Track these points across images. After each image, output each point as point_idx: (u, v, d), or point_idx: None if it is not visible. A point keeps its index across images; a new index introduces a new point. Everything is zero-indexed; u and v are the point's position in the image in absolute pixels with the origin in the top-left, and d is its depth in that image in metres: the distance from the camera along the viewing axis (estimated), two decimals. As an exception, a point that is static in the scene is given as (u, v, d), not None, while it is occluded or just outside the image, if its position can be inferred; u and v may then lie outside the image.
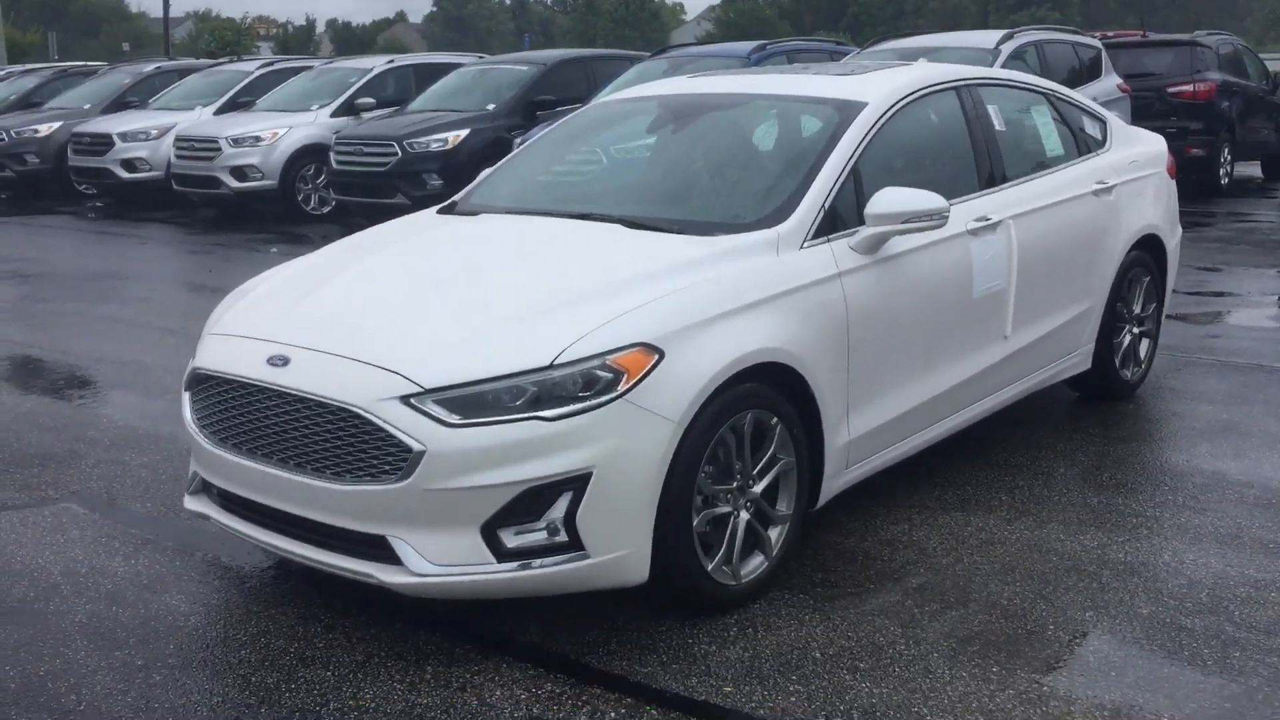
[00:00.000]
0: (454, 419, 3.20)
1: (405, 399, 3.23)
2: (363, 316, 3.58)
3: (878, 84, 4.53)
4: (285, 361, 3.45)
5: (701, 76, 5.23)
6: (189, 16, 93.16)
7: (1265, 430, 5.21)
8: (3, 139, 16.09)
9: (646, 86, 5.21)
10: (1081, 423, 5.41)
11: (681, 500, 3.39)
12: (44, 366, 6.98)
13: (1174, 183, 6.04)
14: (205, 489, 3.79)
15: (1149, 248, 5.67)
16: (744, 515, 3.65)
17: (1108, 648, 3.39)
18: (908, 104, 4.50)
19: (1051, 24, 21.76)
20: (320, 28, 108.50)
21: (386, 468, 3.24)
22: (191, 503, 3.83)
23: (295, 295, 3.83)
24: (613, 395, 3.26)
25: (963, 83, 4.85)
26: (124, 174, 14.84)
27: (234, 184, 13.47)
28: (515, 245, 4.02)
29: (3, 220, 14.61)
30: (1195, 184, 12.76)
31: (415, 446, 3.19)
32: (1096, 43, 12.46)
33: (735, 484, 3.61)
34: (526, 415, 3.21)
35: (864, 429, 4.04)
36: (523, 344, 3.31)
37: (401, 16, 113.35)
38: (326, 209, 13.64)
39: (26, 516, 4.48)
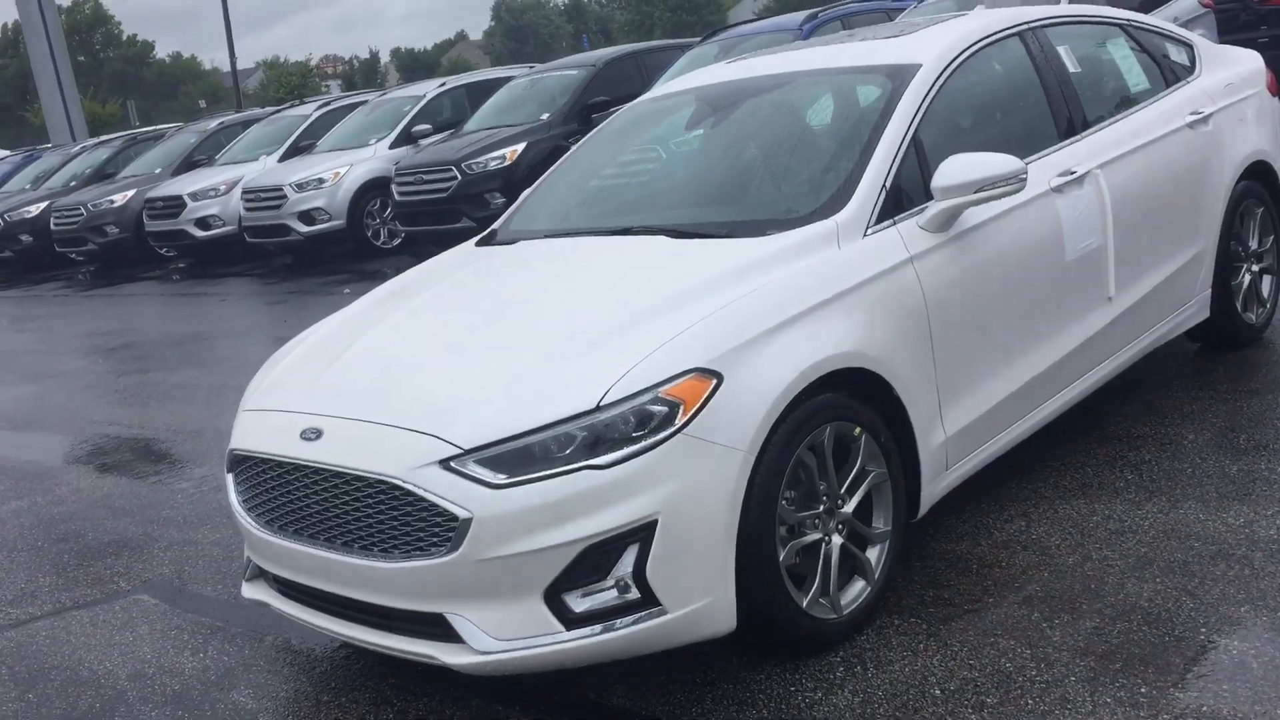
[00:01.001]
0: (499, 479, 2.91)
1: (444, 463, 2.95)
2: (394, 374, 3.31)
3: (930, 42, 4.11)
4: (318, 434, 3.20)
5: (739, 60, 4.85)
6: (259, 66, 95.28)
7: None
8: (81, 213, 16.39)
9: (681, 80, 4.85)
10: (1206, 378, 4.91)
11: (763, 535, 3.05)
12: (122, 444, 6.91)
13: (1277, 101, 5.48)
14: (262, 574, 3.56)
15: (1259, 175, 5.13)
16: (836, 540, 3.29)
17: (1273, 649, 2.95)
18: (967, 59, 4.07)
19: (1119, -55, 20.67)
20: (385, 58, 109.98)
21: (435, 539, 2.96)
22: (249, 590, 3.61)
23: (326, 359, 3.58)
24: (671, 431, 2.93)
25: (1026, 26, 4.40)
26: (199, 233, 14.98)
27: (303, 229, 13.46)
28: (552, 274, 3.72)
29: (89, 294, 14.87)
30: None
31: (461, 514, 2.90)
32: (1172, -43, 11.67)
33: (822, 507, 3.25)
34: (578, 465, 2.90)
35: (960, 424, 3.64)
36: (565, 386, 3.00)
37: (462, 36, 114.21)
38: (397, 241, 13.55)
39: (97, 615, 4.32)
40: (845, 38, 4.74)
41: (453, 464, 2.94)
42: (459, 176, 11.86)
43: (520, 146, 11.88)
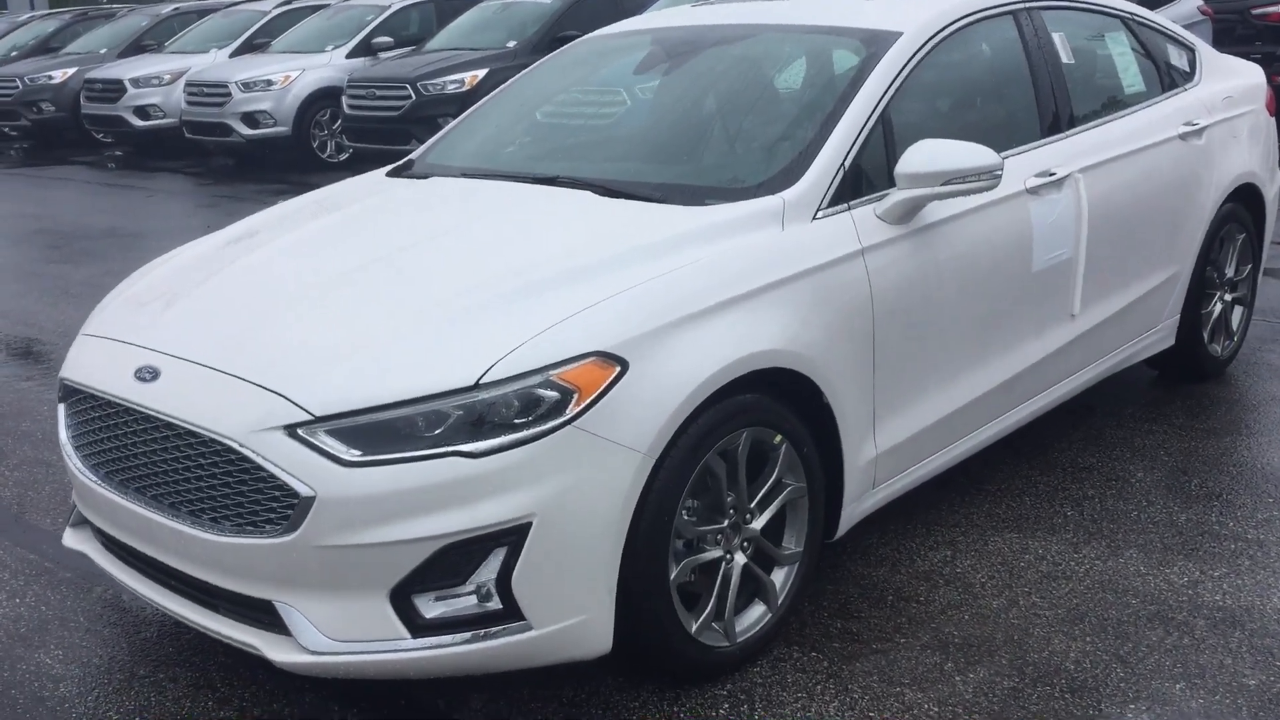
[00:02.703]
0: (353, 455, 2.48)
1: (291, 429, 2.51)
2: (254, 316, 2.85)
3: (917, 8, 3.67)
4: (154, 375, 2.75)
5: (708, 4, 4.39)
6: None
7: (1387, 420, 4.35)
8: (17, 86, 15.54)
9: (640, 19, 4.38)
10: (1163, 410, 4.58)
11: (654, 549, 2.65)
12: (3, 341, 6.37)
13: (1274, 121, 5.12)
14: (86, 521, 3.11)
15: (1245, 199, 4.78)
16: (739, 559, 2.91)
17: (1206, 741, 2.63)
18: (954, 33, 3.64)
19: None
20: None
21: (271, 516, 2.53)
22: (71, 538, 3.15)
23: (186, 287, 3.11)
24: (559, 421, 2.51)
25: (1022, 5, 3.97)
26: (137, 121, 14.23)
27: (245, 131, 12.78)
28: (456, 221, 3.25)
29: (14, 171, 14.09)
30: (1282, 115, 11.61)
31: (303, 490, 2.47)
32: (1174, -40, 11.29)
33: (727, 522, 2.86)
34: (446, 450, 2.47)
35: (895, 440, 3.26)
36: (443, 356, 2.57)
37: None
38: (344, 156, 12.91)
39: (-84, 538, 3.85)
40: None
41: (300, 431, 2.50)
42: (413, 96, 11.27)
43: (481, 72, 11.29)
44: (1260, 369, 4.98)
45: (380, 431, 2.49)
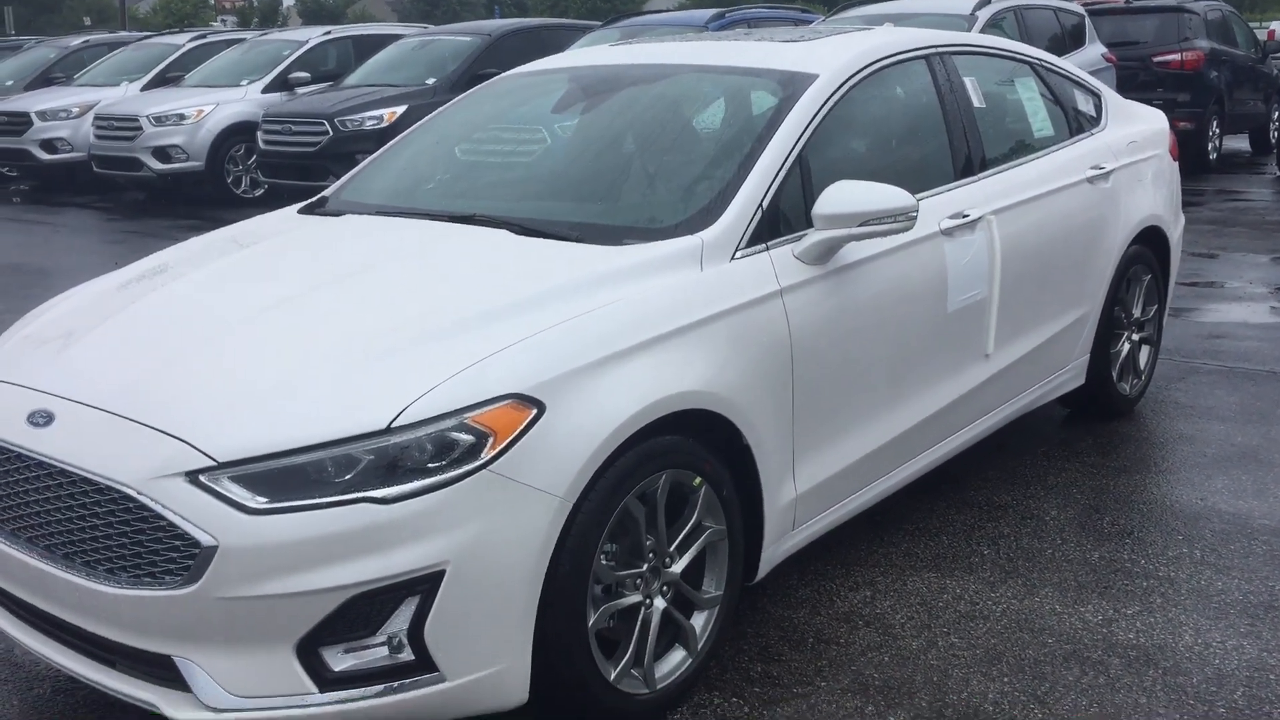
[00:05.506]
0: (257, 502, 2.39)
1: (192, 475, 2.41)
2: (155, 358, 2.74)
3: (832, 52, 3.71)
4: (48, 420, 2.63)
5: (626, 44, 4.39)
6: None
7: (1289, 457, 4.46)
8: (-84, 119, 15.04)
9: (558, 57, 4.37)
10: (1074, 448, 4.64)
11: (571, 596, 2.59)
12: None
13: (1176, 166, 5.27)
14: (-25, 572, 2.96)
15: (1150, 241, 4.89)
16: (659, 603, 2.86)
17: (1122, 781, 2.63)
18: (868, 76, 3.68)
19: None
20: (289, 0, 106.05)
21: (171, 567, 2.42)
22: (-42, 591, 2.99)
23: (83, 327, 2.99)
24: (474, 465, 2.45)
25: (934, 50, 4.04)
26: (43, 155, 13.87)
27: (156, 165, 12.52)
28: (368, 260, 3.18)
29: (-88, 206, 13.62)
30: (1182, 160, 11.95)
31: (204, 540, 2.37)
32: (1079, 9, 11.66)
33: (646, 566, 2.82)
34: (356, 496, 2.39)
35: (814, 481, 3.25)
36: (354, 399, 2.49)
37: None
38: (259, 192, 12.70)
39: None
40: (741, 36, 4.31)
41: (202, 478, 2.41)
42: (330, 132, 11.15)
43: (400, 109, 11.21)
44: (1168, 407, 5.08)
45: (287, 477, 2.41)
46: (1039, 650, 3.17)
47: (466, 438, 2.46)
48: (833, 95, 3.50)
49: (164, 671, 2.49)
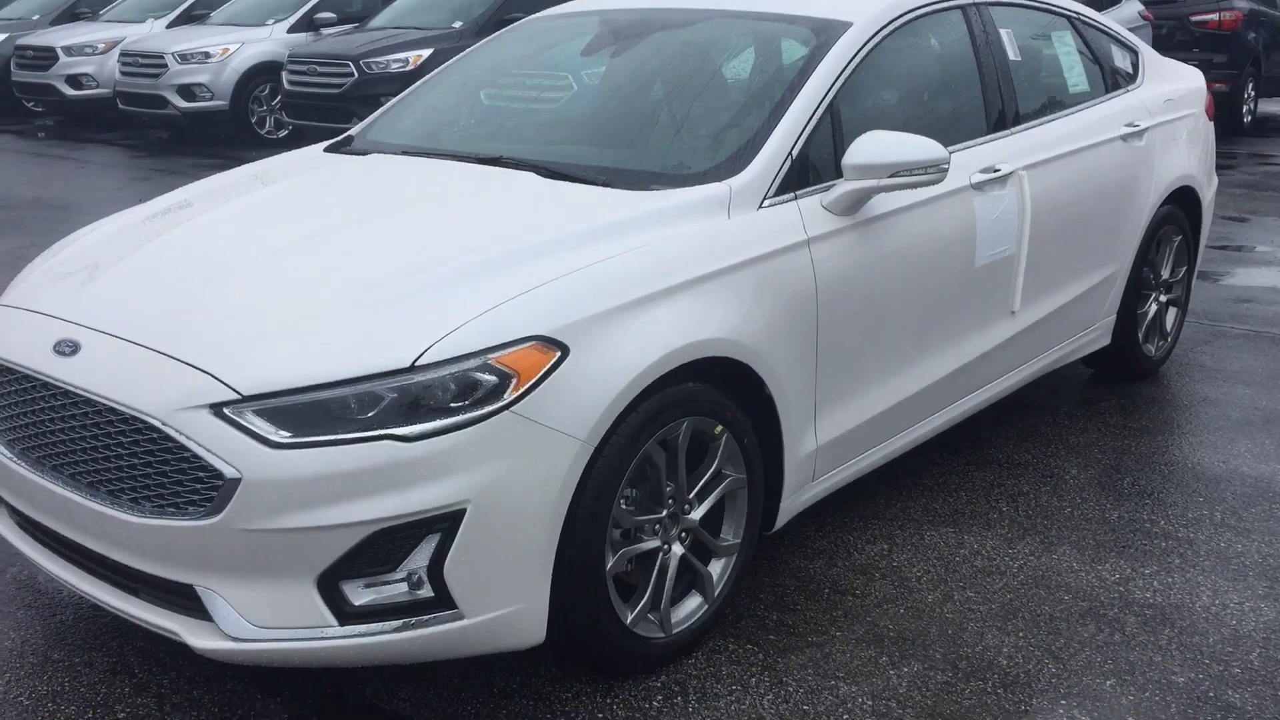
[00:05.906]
0: (281, 436, 2.40)
1: (217, 408, 2.42)
2: (181, 291, 2.74)
3: (866, 0, 3.65)
4: (74, 349, 2.64)
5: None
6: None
7: (1313, 423, 4.42)
8: (-59, 51, 15.05)
9: (586, 0, 4.31)
10: (1097, 409, 4.62)
11: (591, 539, 2.60)
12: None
13: (1212, 125, 5.19)
14: (2, 501, 2.99)
15: (1182, 201, 4.84)
16: (677, 549, 2.87)
17: (1135, 737, 2.64)
18: (902, 25, 3.63)
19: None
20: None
21: (194, 498, 2.44)
22: (-17, 517, 3.03)
23: (110, 258, 3.00)
24: (497, 406, 2.45)
25: (971, 1, 3.97)
26: (69, 91, 13.85)
27: (181, 104, 12.50)
28: (395, 199, 3.17)
29: (-62, 139, 13.66)
30: (1216, 122, 11.81)
31: (228, 472, 2.39)
32: (1117, -35, 11.44)
33: (666, 512, 2.82)
34: (380, 433, 2.40)
35: (835, 433, 3.24)
36: (379, 337, 2.49)
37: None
38: (283, 133, 12.68)
39: None
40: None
41: (227, 411, 2.42)
42: (355, 74, 11.08)
43: (426, 52, 11.12)
44: (1193, 370, 5.04)
45: (311, 412, 2.41)
46: (1054, 607, 3.17)
47: (490, 378, 2.46)
48: (866, 44, 3.45)
49: (186, 600, 2.52)
